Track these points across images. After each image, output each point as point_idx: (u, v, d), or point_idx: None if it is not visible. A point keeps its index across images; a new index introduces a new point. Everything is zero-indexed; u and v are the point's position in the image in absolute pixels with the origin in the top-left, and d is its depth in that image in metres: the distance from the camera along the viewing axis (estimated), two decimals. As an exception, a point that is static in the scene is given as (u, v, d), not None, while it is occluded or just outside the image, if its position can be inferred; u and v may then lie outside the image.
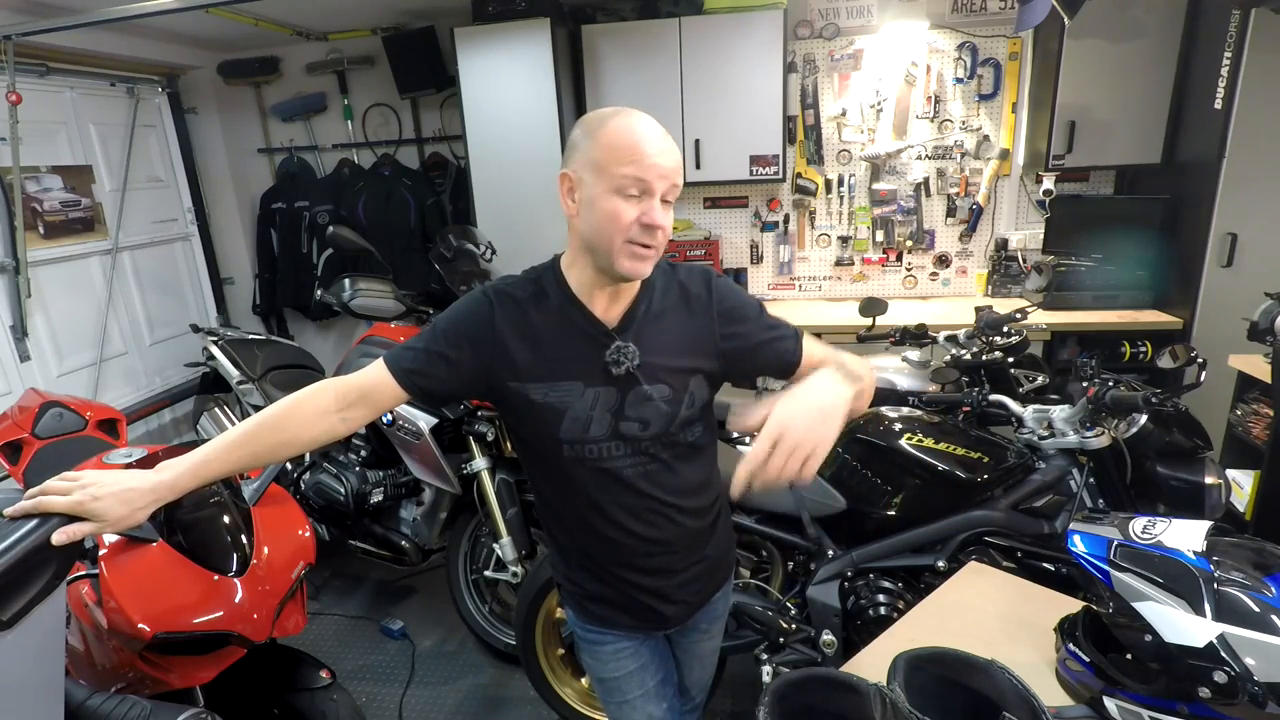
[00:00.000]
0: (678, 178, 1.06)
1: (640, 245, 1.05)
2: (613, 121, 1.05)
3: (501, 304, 1.14)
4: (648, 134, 1.04)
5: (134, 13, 2.67)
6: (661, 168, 1.03)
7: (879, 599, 1.86)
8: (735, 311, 1.20)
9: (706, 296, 1.19)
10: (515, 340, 1.12)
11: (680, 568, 1.27)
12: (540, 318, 1.14)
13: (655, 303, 1.17)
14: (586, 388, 1.13)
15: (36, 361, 3.20)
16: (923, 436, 1.88)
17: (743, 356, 1.20)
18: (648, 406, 1.14)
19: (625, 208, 1.03)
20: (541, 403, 1.13)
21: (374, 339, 2.78)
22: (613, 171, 1.03)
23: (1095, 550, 1.00)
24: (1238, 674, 0.84)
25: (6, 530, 0.90)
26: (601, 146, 1.04)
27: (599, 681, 1.37)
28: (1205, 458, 1.85)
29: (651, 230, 1.04)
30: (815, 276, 3.94)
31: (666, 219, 1.07)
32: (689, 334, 1.18)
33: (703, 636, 1.43)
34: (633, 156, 1.02)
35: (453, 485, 2.54)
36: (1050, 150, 3.24)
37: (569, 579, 1.33)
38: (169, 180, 4.08)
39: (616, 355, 1.12)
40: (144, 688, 1.37)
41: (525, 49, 3.33)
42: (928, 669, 0.90)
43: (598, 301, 1.14)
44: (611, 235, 1.04)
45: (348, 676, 2.56)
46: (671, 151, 1.06)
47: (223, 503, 1.48)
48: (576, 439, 1.14)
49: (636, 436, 1.15)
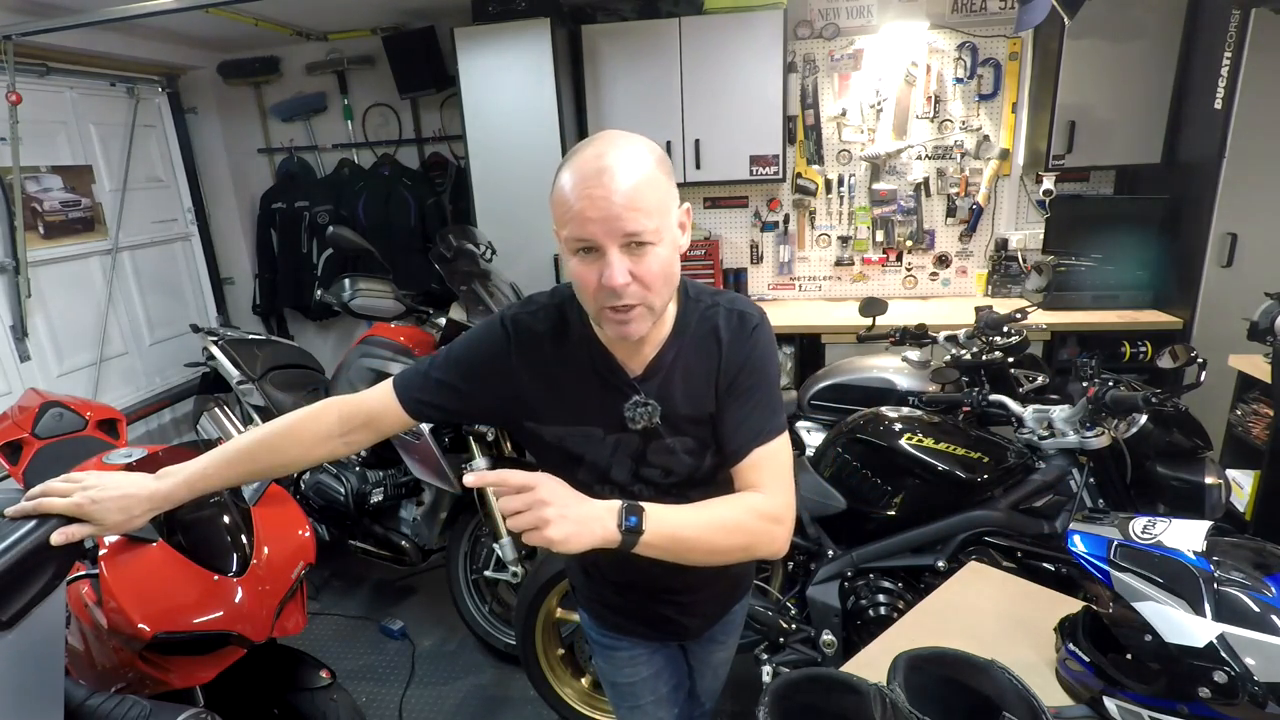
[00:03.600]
0: (632, 221, 0.87)
1: (612, 310, 0.93)
2: (560, 175, 0.93)
3: (519, 337, 1.06)
4: (581, 186, 0.88)
5: (134, 13, 2.67)
6: (598, 222, 0.88)
7: (879, 599, 1.86)
8: (748, 378, 1.05)
9: (736, 346, 1.05)
10: (531, 380, 1.06)
11: (703, 585, 1.24)
12: (559, 357, 1.05)
13: (686, 346, 1.05)
14: (606, 434, 1.07)
15: (36, 361, 3.20)
16: (923, 436, 1.88)
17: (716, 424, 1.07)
18: (671, 458, 1.08)
19: (585, 272, 0.92)
20: (557, 445, 1.08)
21: (374, 339, 2.78)
22: (561, 235, 0.93)
23: (1095, 550, 1.00)
24: (1238, 674, 0.84)
25: (6, 530, 0.90)
26: (553, 208, 0.94)
27: (611, 685, 1.35)
28: (1205, 458, 1.85)
29: (613, 293, 0.90)
30: (815, 276, 3.94)
31: (642, 265, 0.90)
32: (710, 386, 1.06)
33: (719, 647, 1.42)
34: (567, 214, 0.90)
35: (453, 485, 2.54)
36: (1050, 150, 3.24)
37: (586, 586, 1.30)
38: (169, 180, 4.08)
39: (633, 412, 1.04)
40: (144, 688, 1.37)
41: (525, 49, 3.33)
42: (928, 669, 0.90)
43: (620, 346, 1.04)
44: (586, 302, 0.96)
45: (348, 676, 2.56)
46: (616, 188, 0.87)
47: (223, 503, 1.48)
48: (595, 482, 1.09)
49: (660, 483, 1.09)
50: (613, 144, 0.91)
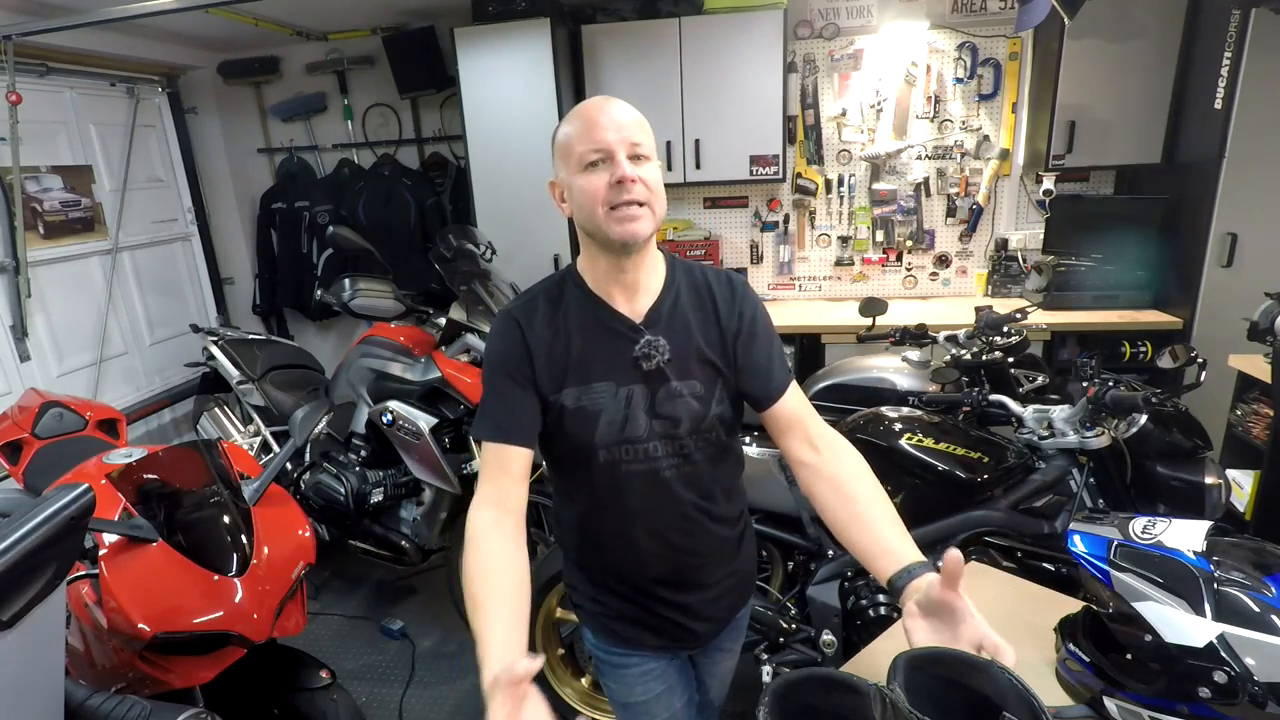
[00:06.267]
0: (635, 133, 1.05)
1: (623, 205, 1.04)
2: (563, 125, 1.09)
3: (527, 320, 1.13)
4: (591, 107, 1.06)
5: (134, 13, 2.67)
6: (610, 131, 1.03)
7: (879, 599, 1.86)
8: (753, 325, 1.17)
9: (730, 300, 1.17)
10: (546, 351, 1.12)
11: (712, 581, 1.25)
12: (564, 321, 1.13)
13: (681, 300, 1.15)
14: (619, 387, 1.11)
15: (36, 361, 3.20)
16: (923, 436, 1.88)
17: (740, 372, 1.17)
18: (678, 403, 1.12)
19: (594, 178, 1.04)
20: (574, 408, 1.11)
21: (374, 339, 2.78)
22: (572, 156, 1.05)
23: (1095, 550, 1.00)
24: (1238, 674, 0.84)
25: (6, 529, 0.90)
26: (560, 142, 1.08)
27: (624, 707, 1.32)
28: (1205, 458, 1.84)
29: (624, 185, 1.03)
30: (815, 276, 3.94)
31: (644, 171, 1.04)
32: (714, 334, 1.16)
33: (726, 655, 1.42)
34: (582, 134, 1.04)
35: (453, 485, 2.54)
36: (1050, 150, 3.24)
37: (594, 599, 1.28)
38: (169, 180, 4.08)
39: (647, 349, 1.11)
40: (144, 688, 1.37)
41: (525, 49, 3.33)
42: (928, 669, 0.90)
43: (618, 297, 1.13)
44: (593, 208, 1.04)
45: (348, 676, 2.56)
46: (620, 112, 1.05)
47: (223, 503, 1.48)
48: (614, 440, 1.12)
49: (671, 434, 1.13)
50: (606, 97, 1.09)
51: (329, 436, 2.92)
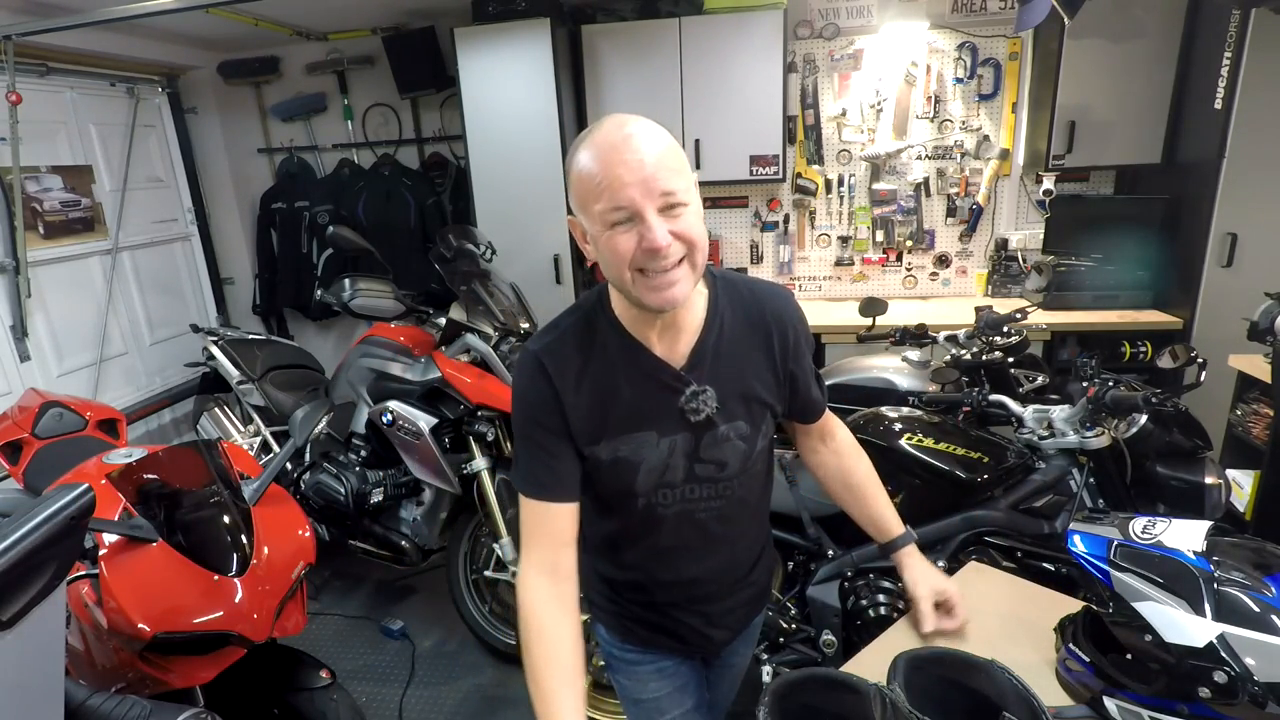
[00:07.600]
0: (666, 180, 0.90)
1: (654, 273, 0.92)
2: (579, 155, 0.94)
3: (554, 363, 1.03)
4: (609, 148, 0.90)
5: (134, 13, 2.67)
6: (634, 186, 0.89)
7: (879, 599, 1.86)
8: (797, 346, 1.12)
9: (783, 322, 1.09)
10: (577, 400, 1.03)
11: (730, 594, 1.24)
12: (599, 368, 1.03)
13: (726, 331, 1.06)
14: (661, 438, 1.05)
15: (36, 361, 3.20)
16: (923, 436, 1.88)
17: (790, 400, 1.14)
18: (725, 447, 1.07)
19: (621, 239, 0.91)
20: (610, 460, 1.05)
21: (374, 339, 2.78)
22: (593, 211, 0.92)
23: (1095, 550, 1.00)
24: (1238, 674, 0.84)
25: (6, 529, 0.90)
26: (576, 189, 0.95)
27: (635, 703, 1.31)
28: (1205, 458, 1.84)
29: (655, 254, 0.90)
30: (815, 276, 3.93)
31: (680, 224, 0.92)
32: (764, 367, 1.08)
33: (738, 659, 1.42)
34: (601, 187, 0.90)
35: (453, 485, 2.54)
36: (1050, 150, 3.24)
37: (611, 600, 1.26)
38: (169, 180, 4.08)
39: (695, 403, 1.03)
40: (144, 688, 1.37)
41: (525, 49, 3.33)
42: (928, 669, 0.90)
43: (657, 339, 1.03)
44: (621, 273, 0.94)
45: (348, 676, 2.56)
46: (646, 150, 0.90)
47: (223, 503, 1.48)
48: (652, 487, 1.08)
49: (714, 478, 1.09)
50: (628, 118, 0.93)
51: (329, 436, 2.93)
